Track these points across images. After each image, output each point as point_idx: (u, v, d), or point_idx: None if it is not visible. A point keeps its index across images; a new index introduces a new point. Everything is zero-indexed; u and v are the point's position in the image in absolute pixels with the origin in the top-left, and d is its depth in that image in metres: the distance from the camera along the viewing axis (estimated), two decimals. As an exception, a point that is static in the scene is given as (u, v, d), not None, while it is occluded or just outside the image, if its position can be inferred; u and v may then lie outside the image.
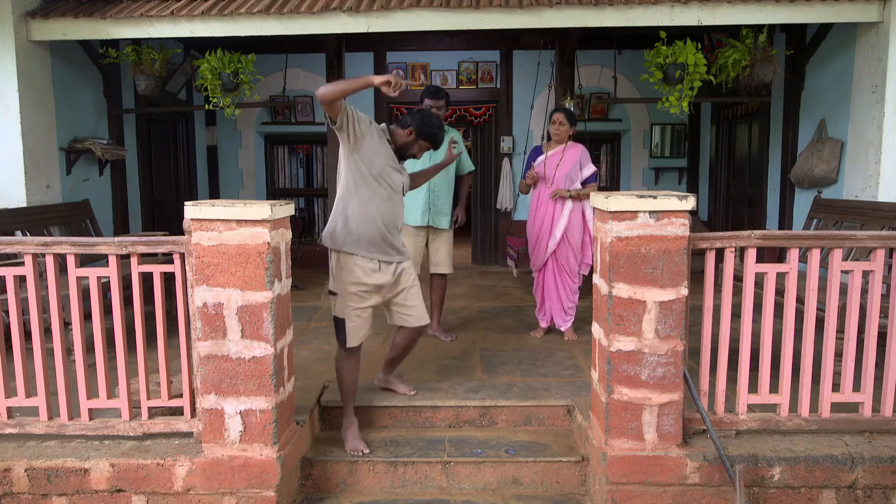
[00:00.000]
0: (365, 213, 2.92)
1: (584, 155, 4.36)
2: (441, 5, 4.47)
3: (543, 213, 4.35)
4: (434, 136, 3.12)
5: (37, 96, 4.79)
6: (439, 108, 4.25)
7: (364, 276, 2.96)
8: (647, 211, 2.52)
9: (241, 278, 2.56)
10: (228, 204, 2.54)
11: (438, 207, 4.32)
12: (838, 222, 4.51)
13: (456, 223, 4.47)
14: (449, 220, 4.39)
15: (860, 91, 4.61)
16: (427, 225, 4.32)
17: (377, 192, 2.94)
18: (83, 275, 2.73)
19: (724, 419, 2.75)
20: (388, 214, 2.97)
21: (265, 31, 4.57)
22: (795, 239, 2.71)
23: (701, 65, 5.01)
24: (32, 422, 2.82)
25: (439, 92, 4.27)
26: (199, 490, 2.68)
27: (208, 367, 2.63)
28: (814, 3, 4.34)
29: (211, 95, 5.47)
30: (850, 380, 2.74)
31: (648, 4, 4.39)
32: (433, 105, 4.23)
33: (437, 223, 4.33)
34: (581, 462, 2.94)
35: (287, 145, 8.06)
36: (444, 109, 4.28)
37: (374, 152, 2.95)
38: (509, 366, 3.83)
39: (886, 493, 2.67)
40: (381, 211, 2.94)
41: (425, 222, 4.30)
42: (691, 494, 2.66)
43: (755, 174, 6.40)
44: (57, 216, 4.92)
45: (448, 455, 2.97)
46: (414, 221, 4.28)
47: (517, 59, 7.45)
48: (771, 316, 2.74)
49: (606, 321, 2.62)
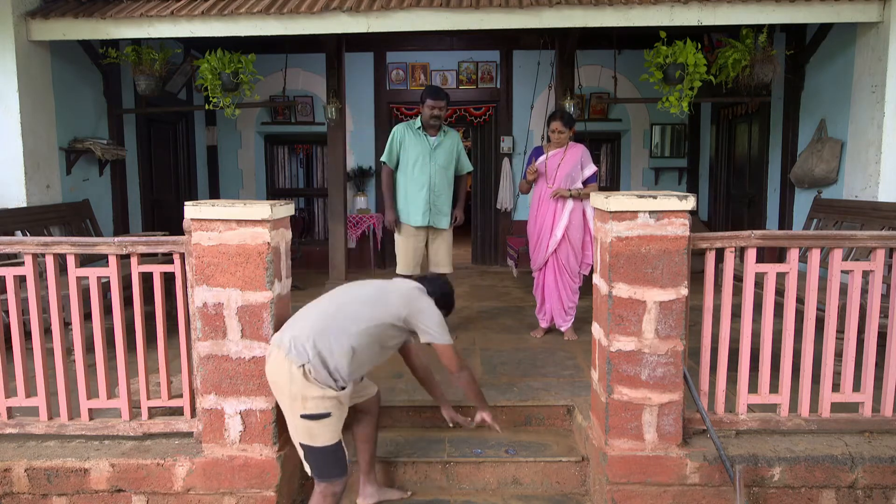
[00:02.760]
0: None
1: (584, 155, 4.37)
2: (441, 5, 4.47)
3: (544, 212, 4.35)
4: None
5: (37, 96, 4.79)
6: (440, 109, 4.25)
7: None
8: (647, 211, 2.52)
9: (241, 278, 2.56)
10: (228, 204, 2.54)
11: (439, 207, 4.33)
12: (838, 222, 4.50)
13: (455, 223, 4.48)
14: (449, 219, 4.40)
15: (860, 91, 4.61)
16: (427, 225, 4.32)
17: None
18: (83, 275, 2.73)
19: (724, 419, 2.75)
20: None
21: (265, 31, 4.57)
22: (795, 239, 2.71)
23: (701, 65, 5.01)
24: (32, 422, 2.82)
25: (440, 92, 4.27)
26: (199, 490, 2.68)
27: (208, 367, 2.63)
28: (814, 3, 4.34)
29: (211, 95, 5.47)
30: (850, 380, 2.74)
31: (648, 4, 4.39)
32: (434, 105, 4.23)
33: (437, 223, 4.34)
34: (581, 462, 2.94)
35: (287, 145, 8.05)
36: (444, 110, 4.28)
37: None
38: (509, 366, 3.83)
39: (886, 493, 2.66)
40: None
41: (426, 222, 4.30)
42: (691, 494, 2.66)
43: (755, 174, 6.40)
44: (57, 216, 4.92)
45: (448, 455, 2.97)
46: (415, 222, 4.29)
47: (517, 59, 7.45)
48: (771, 316, 2.74)
49: (606, 321, 2.62)
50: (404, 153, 4.32)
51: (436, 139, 4.32)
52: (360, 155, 7.58)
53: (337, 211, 5.94)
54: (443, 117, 4.31)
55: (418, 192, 4.28)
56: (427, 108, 4.25)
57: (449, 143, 4.37)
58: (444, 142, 4.35)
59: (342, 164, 6.01)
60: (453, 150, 4.40)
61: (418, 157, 4.28)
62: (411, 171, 4.29)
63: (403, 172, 4.33)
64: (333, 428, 2.35)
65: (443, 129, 4.37)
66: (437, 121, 4.27)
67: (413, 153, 4.29)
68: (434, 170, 4.28)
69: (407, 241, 4.34)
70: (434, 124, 4.28)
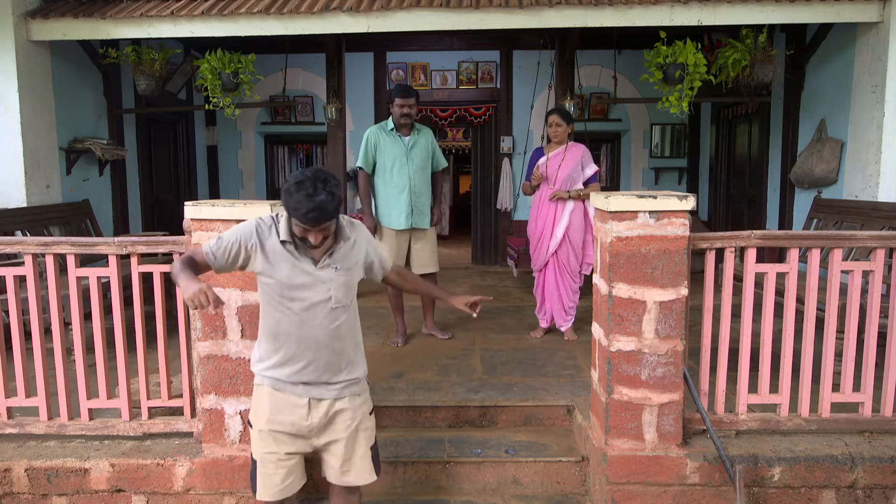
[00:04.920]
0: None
1: (585, 155, 4.36)
2: (441, 5, 4.47)
3: (545, 213, 4.35)
4: (296, 210, 1.91)
5: (37, 96, 4.79)
6: (410, 107, 4.13)
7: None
8: (647, 211, 2.52)
9: (240, 278, 2.56)
10: (228, 204, 2.54)
11: (420, 208, 4.25)
12: (838, 222, 4.50)
13: (434, 222, 4.37)
14: (430, 218, 4.33)
15: (860, 91, 4.61)
16: (410, 227, 4.24)
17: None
18: (83, 275, 2.73)
19: (724, 419, 2.75)
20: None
21: (265, 31, 4.57)
22: (795, 239, 2.71)
23: (701, 65, 5.01)
24: (32, 422, 2.82)
25: (409, 90, 4.16)
26: (199, 490, 2.68)
27: (208, 367, 2.63)
28: (814, 3, 4.34)
29: (211, 95, 5.47)
30: (850, 380, 2.74)
31: (648, 4, 4.39)
32: (403, 104, 4.11)
33: (419, 224, 4.25)
34: (581, 462, 2.94)
35: (287, 145, 8.06)
36: (414, 108, 4.16)
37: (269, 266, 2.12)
38: (509, 366, 3.83)
39: (886, 493, 2.66)
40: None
41: (409, 225, 4.21)
42: (691, 494, 2.66)
43: (755, 174, 6.40)
44: (57, 216, 4.92)
45: (448, 455, 2.97)
46: (398, 225, 4.20)
47: (517, 59, 7.45)
48: (771, 316, 2.74)
49: (606, 321, 2.62)
50: (380, 156, 4.19)
51: (410, 139, 4.21)
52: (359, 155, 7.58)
53: (337, 211, 5.94)
54: (413, 115, 4.19)
55: (399, 194, 4.16)
56: (396, 106, 4.13)
57: (423, 142, 4.26)
58: (419, 141, 4.24)
59: (342, 164, 6.01)
60: (428, 148, 4.29)
61: (395, 159, 4.16)
62: (389, 175, 4.18)
63: (381, 176, 4.21)
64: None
65: (415, 127, 4.26)
66: (407, 119, 4.14)
67: (389, 156, 4.17)
68: (413, 171, 4.18)
69: (390, 245, 4.20)
70: (405, 123, 4.16)
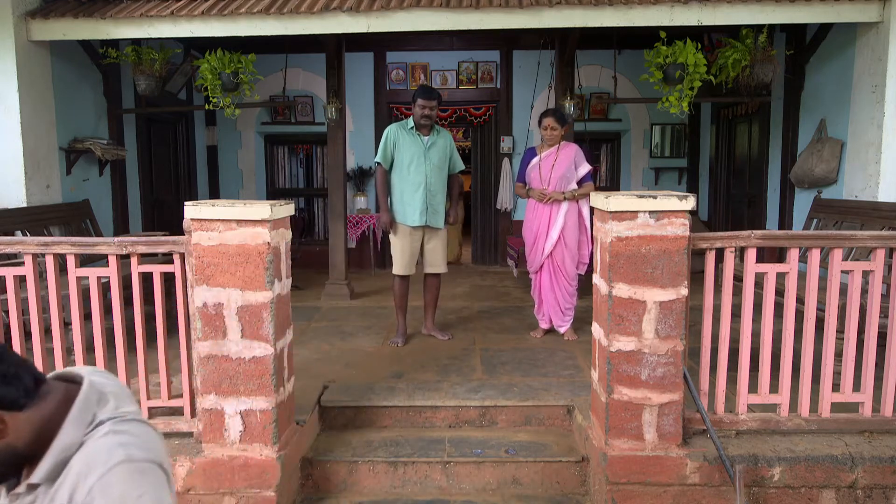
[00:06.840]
0: None
1: (578, 154, 4.36)
2: (441, 5, 4.46)
3: (540, 215, 4.35)
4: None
5: (37, 96, 4.79)
6: (432, 109, 4.23)
7: None
8: (647, 211, 2.52)
9: (241, 278, 2.56)
10: (228, 204, 2.54)
11: (435, 207, 4.32)
12: (838, 222, 4.50)
13: (451, 222, 4.47)
14: (444, 218, 4.40)
15: (860, 91, 4.61)
16: (424, 225, 4.31)
17: None
18: (83, 275, 2.73)
19: (724, 419, 2.75)
20: None
21: (265, 31, 4.57)
22: (795, 239, 2.71)
23: (701, 65, 5.00)
24: (32, 422, 2.81)
25: (432, 92, 4.25)
26: (199, 490, 2.68)
27: (208, 367, 2.63)
28: (814, 3, 4.34)
29: (211, 95, 5.47)
30: (850, 380, 2.74)
31: (648, 4, 4.39)
32: (425, 105, 4.21)
33: (433, 223, 4.33)
34: (581, 462, 2.94)
35: (287, 145, 8.05)
36: (435, 109, 4.26)
37: None
38: (509, 366, 3.83)
39: (886, 493, 2.66)
40: None
41: (423, 222, 4.29)
42: (691, 494, 2.66)
43: (755, 174, 6.39)
44: (57, 216, 4.92)
45: (448, 455, 2.97)
46: (412, 222, 4.28)
47: (517, 59, 7.45)
48: (771, 316, 2.74)
49: (606, 321, 2.62)
50: (398, 154, 4.31)
51: (429, 139, 4.32)
52: (360, 155, 7.58)
53: (337, 211, 5.94)
54: (434, 117, 4.29)
55: (415, 192, 4.27)
56: (418, 107, 4.23)
57: (442, 143, 4.36)
58: (438, 141, 4.34)
59: (342, 164, 6.01)
60: (447, 149, 4.39)
61: (413, 157, 4.27)
62: (406, 172, 4.28)
63: (398, 173, 4.33)
64: None
65: (435, 128, 4.37)
66: (428, 120, 4.25)
67: (407, 153, 4.28)
68: (429, 169, 4.28)
69: (403, 241, 4.32)
70: (426, 124, 4.27)
